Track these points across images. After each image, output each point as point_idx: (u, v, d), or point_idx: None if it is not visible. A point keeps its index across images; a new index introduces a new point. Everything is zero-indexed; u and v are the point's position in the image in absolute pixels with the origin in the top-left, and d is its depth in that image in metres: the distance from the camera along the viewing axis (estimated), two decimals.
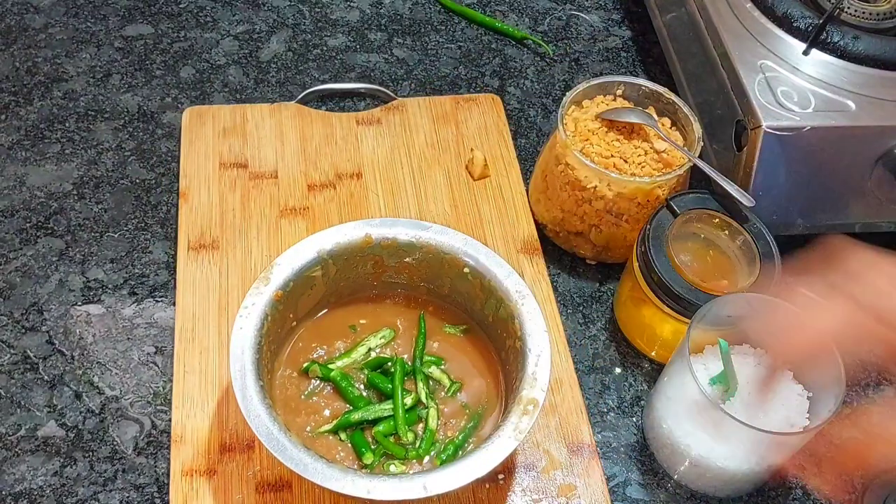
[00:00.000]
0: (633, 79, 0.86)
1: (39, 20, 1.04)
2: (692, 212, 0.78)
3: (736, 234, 0.77)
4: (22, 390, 0.75)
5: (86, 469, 0.72)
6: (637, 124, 0.84)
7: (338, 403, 0.72)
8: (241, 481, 0.71)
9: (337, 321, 0.77)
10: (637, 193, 0.80)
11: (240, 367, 0.65)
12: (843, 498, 0.75)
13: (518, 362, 0.69)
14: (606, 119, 0.84)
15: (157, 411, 0.75)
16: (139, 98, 0.97)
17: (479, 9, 1.11)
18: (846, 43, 0.83)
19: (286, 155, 0.92)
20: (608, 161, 0.81)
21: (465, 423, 0.72)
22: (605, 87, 0.87)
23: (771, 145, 0.79)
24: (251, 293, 0.69)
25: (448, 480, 0.61)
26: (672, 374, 0.71)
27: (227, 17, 1.07)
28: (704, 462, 0.71)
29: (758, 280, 0.74)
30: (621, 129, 0.84)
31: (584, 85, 0.85)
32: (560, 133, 0.82)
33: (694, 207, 0.78)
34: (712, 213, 0.78)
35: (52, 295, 0.81)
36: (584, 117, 0.85)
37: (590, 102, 0.87)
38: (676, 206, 0.77)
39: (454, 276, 0.75)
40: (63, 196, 0.88)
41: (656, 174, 0.80)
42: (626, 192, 0.80)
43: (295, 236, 0.85)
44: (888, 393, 0.82)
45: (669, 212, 0.77)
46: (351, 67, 1.03)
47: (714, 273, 0.76)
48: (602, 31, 1.11)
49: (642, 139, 0.83)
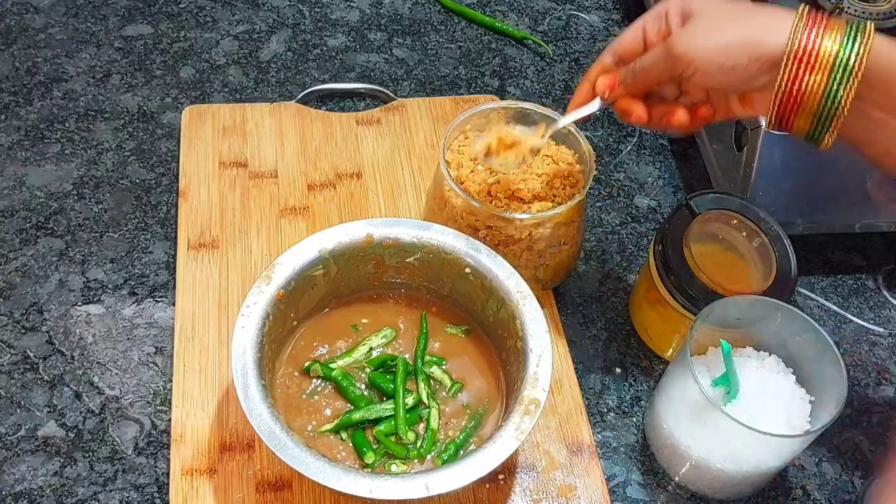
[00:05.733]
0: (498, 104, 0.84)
1: (39, 20, 1.04)
2: (711, 212, 0.77)
3: (753, 235, 0.76)
4: (22, 390, 0.75)
5: (86, 469, 0.71)
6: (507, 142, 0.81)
7: (339, 403, 0.72)
8: (241, 481, 0.71)
9: (338, 320, 0.77)
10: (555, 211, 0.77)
11: (241, 367, 0.65)
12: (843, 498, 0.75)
13: (519, 362, 0.69)
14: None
15: (157, 411, 0.75)
16: (139, 98, 0.97)
17: (479, 9, 1.11)
18: None
19: (286, 154, 0.92)
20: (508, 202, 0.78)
21: (466, 423, 0.72)
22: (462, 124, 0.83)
23: (771, 145, 0.79)
24: (253, 292, 0.69)
25: (450, 480, 0.61)
26: (674, 374, 0.71)
27: (227, 17, 1.07)
28: (705, 463, 0.71)
29: (773, 284, 0.73)
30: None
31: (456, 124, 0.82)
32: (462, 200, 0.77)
33: (713, 208, 0.77)
34: (731, 214, 0.77)
35: (52, 295, 0.81)
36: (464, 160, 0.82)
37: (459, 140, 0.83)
38: (696, 206, 0.76)
39: (455, 277, 0.75)
40: (63, 196, 0.88)
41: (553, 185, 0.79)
42: (550, 217, 0.77)
43: (295, 236, 0.85)
44: (888, 393, 0.82)
45: (688, 211, 0.76)
46: (351, 67, 1.03)
47: (730, 275, 0.75)
48: (602, 31, 1.11)
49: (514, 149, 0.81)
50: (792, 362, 0.73)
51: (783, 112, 0.60)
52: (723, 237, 0.78)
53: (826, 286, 0.89)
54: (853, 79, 0.56)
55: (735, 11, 0.60)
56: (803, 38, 0.57)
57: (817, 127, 0.59)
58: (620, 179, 0.96)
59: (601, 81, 0.67)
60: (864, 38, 0.56)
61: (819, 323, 0.72)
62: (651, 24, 0.65)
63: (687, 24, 0.61)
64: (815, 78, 0.57)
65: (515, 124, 0.78)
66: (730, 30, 0.59)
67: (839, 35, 0.57)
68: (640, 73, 0.64)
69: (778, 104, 0.59)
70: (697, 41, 0.60)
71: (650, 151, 0.99)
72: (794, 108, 0.59)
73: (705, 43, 0.59)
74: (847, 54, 0.56)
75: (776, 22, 0.59)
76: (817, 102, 0.58)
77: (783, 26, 0.58)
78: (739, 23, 0.59)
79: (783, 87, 0.58)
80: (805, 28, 0.57)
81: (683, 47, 0.60)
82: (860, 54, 0.56)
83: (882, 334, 0.86)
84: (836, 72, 0.57)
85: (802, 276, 0.89)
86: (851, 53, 0.56)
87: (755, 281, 0.75)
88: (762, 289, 0.73)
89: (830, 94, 0.57)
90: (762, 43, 0.58)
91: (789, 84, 0.58)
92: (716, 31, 0.60)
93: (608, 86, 0.66)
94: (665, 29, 0.64)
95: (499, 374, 0.75)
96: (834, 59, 0.56)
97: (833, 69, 0.56)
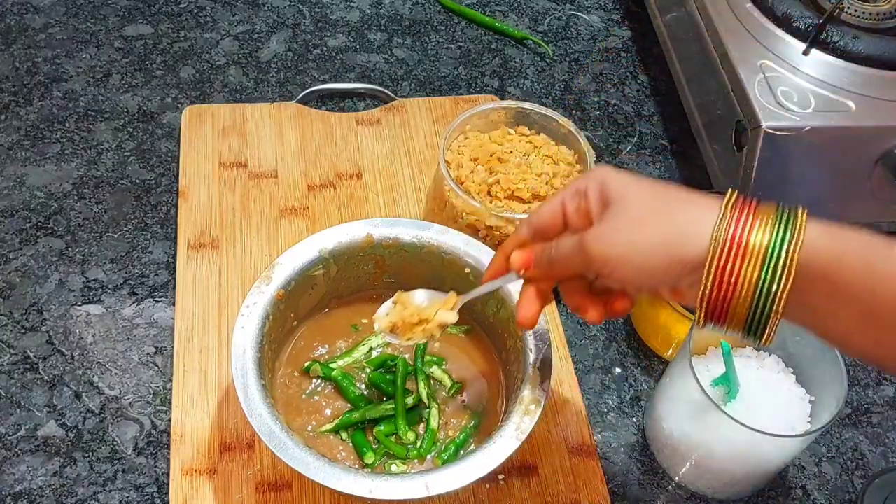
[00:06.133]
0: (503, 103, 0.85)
1: (39, 20, 1.04)
2: None
3: None
4: (22, 390, 0.75)
5: (86, 469, 0.71)
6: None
7: (339, 403, 0.72)
8: (241, 481, 0.70)
9: (338, 320, 0.77)
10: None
11: (241, 367, 0.65)
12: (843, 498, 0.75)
13: (519, 362, 0.69)
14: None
15: (156, 411, 0.75)
16: (139, 98, 0.97)
17: (479, 9, 1.11)
18: (846, 43, 0.83)
19: (286, 154, 0.92)
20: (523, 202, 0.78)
21: (466, 423, 0.72)
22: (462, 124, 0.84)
23: (771, 145, 0.79)
24: (253, 292, 0.69)
25: (450, 480, 0.61)
26: (674, 374, 0.71)
27: (227, 17, 1.07)
28: (705, 463, 0.71)
29: None
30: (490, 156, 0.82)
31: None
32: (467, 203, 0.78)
33: None
34: None
35: (52, 295, 0.81)
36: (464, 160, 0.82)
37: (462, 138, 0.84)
38: None
39: (455, 277, 0.74)
40: (63, 196, 0.88)
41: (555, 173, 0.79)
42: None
43: (295, 236, 0.85)
44: (888, 393, 0.82)
45: None
46: (351, 67, 1.03)
47: None
48: (602, 31, 1.11)
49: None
50: (792, 362, 0.73)
51: (712, 313, 0.52)
52: None
53: None
54: (787, 274, 0.49)
55: (656, 202, 0.53)
56: (729, 232, 0.50)
57: (752, 325, 0.52)
58: None
59: (516, 257, 0.59)
60: (794, 232, 0.49)
61: None
62: (570, 200, 0.57)
63: (604, 215, 0.54)
64: (746, 273, 0.50)
65: (424, 290, 0.69)
66: (648, 229, 0.52)
67: (769, 226, 0.50)
68: (556, 263, 0.57)
69: (706, 306, 0.51)
70: (613, 240, 0.53)
71: (650, 151, 0.99)
72: (724, 309, 0.52)
73: (621, 243, 0.52)
74: (778, 250, 0.49)
75: (701, 216, 0.51)
76: (749, 302, 0.50)
77: (707, 221, 0.51)
78: (661, 218, 0.52)
79: (708, 290, 0.51)
80: (730, 223, 0.50)
81: (598, 250, 0.53)
82: (791, 250, 0.49)
83: None
84: (767, 268, 0.49)
85: None
86: (782, 250, 0.49)
87: None
88: None
89: (763, 289, 0.50)
90: (683, 245, 0.51)
91: (715, 289, 0.51)
92: (634, 229, 0.52)
93: (523, 263, 0.59)
94: (584, 207, 0.56)
95: (499, 374, 0.75)
96: (764, 253, 0.49)
97: (764, 265, 0.49)
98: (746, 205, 0.51)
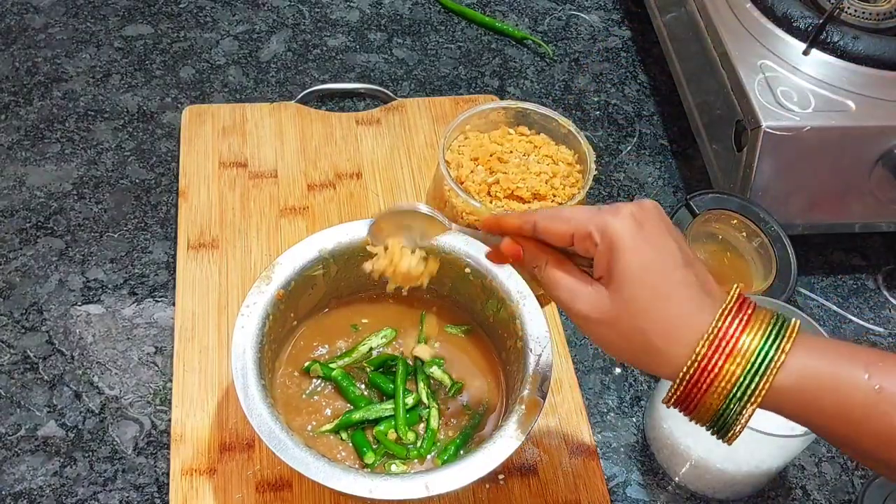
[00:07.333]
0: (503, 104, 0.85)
1: (39, 20, 1.04)
2: (711, 212, 0.76)
3: (753, 236, 0.76)
4: (22, 390, 0.75)
5: (86, 469, 0.71)
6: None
7: (339, 403, 0.72)
8: (241, 481, 0.70)
9: (338, 320, 0.77)
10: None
11: (241, 367, 0.65)
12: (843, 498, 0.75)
13: (519, 362, 0.69)
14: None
15: (156, 411, 0.75)
16: (139, 98, 0.97)
17: (479, 9, 1.11)
18: (846, 43, 0.83)
19: (286, 154, 0.92)
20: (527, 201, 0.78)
21: (466, 423, 0.72)
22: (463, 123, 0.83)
23: (771, 145, 0.79)
24: (253, 292, 0.69)
25: (450, 480, 0.61)
26: None
27: (227, 17, 1.07)
28: (705, 463, 0.71)
29: (773, 284, 0.73)
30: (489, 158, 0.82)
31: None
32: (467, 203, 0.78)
33: (713, 207, 0.77)
34: (731, 214, 0.77)
35: (52, 295, 0.81)
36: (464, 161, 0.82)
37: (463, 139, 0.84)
38: (696, 206, 0.76)
39: (455, 277, 0.75)
40: (63, 196, 0.88)
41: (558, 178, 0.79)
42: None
43: (295, 236, 0.85)
44: None
45: (688, 211, 0.76)
46: (351, 67, 1.03)
47: (730, 275, 0.75)
48: (602, 31, 1.11)
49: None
50: None
51: (685, 398, 0.51)
52: (723, 237, 0.78)
53: (826, 286, 0.89)
54: (765, 381, 0.49)
55: (656, 291, 0.51)
56: (721, 332, 0.50)
57: (721, 418, 0.51)
58: (620, 179, 0.96)
59: (508, 246, 0.58)
60: (782, 342, 0.49)
61: (819, 323, 0.72)
62: (580, 239, 0.54)
63: (605, 288, 0.52)
64: (729, 369, 0.49)
65: (425, 205, 0.66)
66: (637, 336, 0.51)
67: (761, 330, 0.50)
68: (541, 282, 0.56)
69: (683, 386, 0.51)
70: (599, 331, 0.53)
71: (650, 151, 0.99)
72: (697, 397, 0.51)
73: (603, 336, 0.53)
74: (765, 353, 0.49)
75: (692, 321, 0.50)
76: (724, 395, 0.50)
77: (696, 328, 0.50)
78: (654, 314, 0.51)
79: (688, 378, 0.50)
80: (723, 327, 0.50)
81: (583, 325, 0.53)
82: (776, 358, 0.48)
83: (882, 334, 0.86)
84: (749, 368, 0.49)
85: (802, 276, 0.89)
86: (767, 355, 0.49)
87: (755, 281, 0.75)
88: (762, 289, 0.73)
89: (741, 385, 0.49)
90: (661, 353, 0.51)
91: (694, 378, 0.50)
92: (622, 326, 0.52)
93: (512, 256, 0.58)
94: (590, 252, 0.54)
95: (499, 374, 0.75)
96: (751, 354, 0.49)
97: (747, 366, 0.49)
98: (744, 304, 0.50)
